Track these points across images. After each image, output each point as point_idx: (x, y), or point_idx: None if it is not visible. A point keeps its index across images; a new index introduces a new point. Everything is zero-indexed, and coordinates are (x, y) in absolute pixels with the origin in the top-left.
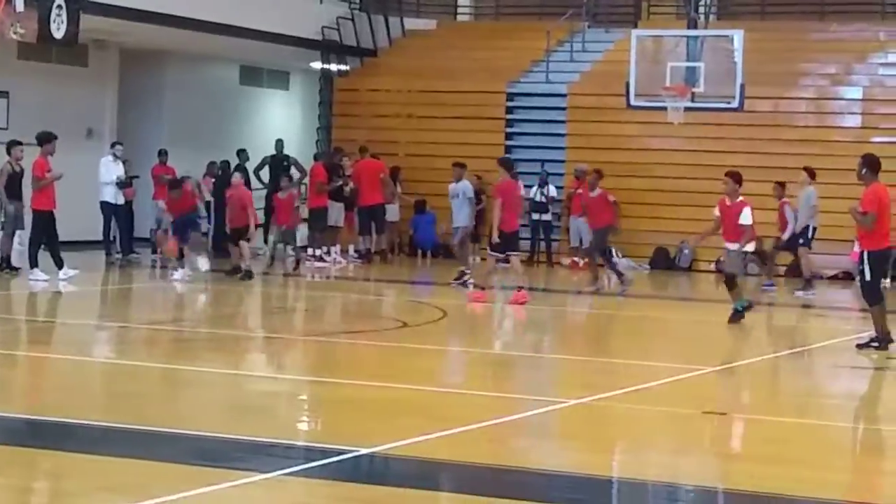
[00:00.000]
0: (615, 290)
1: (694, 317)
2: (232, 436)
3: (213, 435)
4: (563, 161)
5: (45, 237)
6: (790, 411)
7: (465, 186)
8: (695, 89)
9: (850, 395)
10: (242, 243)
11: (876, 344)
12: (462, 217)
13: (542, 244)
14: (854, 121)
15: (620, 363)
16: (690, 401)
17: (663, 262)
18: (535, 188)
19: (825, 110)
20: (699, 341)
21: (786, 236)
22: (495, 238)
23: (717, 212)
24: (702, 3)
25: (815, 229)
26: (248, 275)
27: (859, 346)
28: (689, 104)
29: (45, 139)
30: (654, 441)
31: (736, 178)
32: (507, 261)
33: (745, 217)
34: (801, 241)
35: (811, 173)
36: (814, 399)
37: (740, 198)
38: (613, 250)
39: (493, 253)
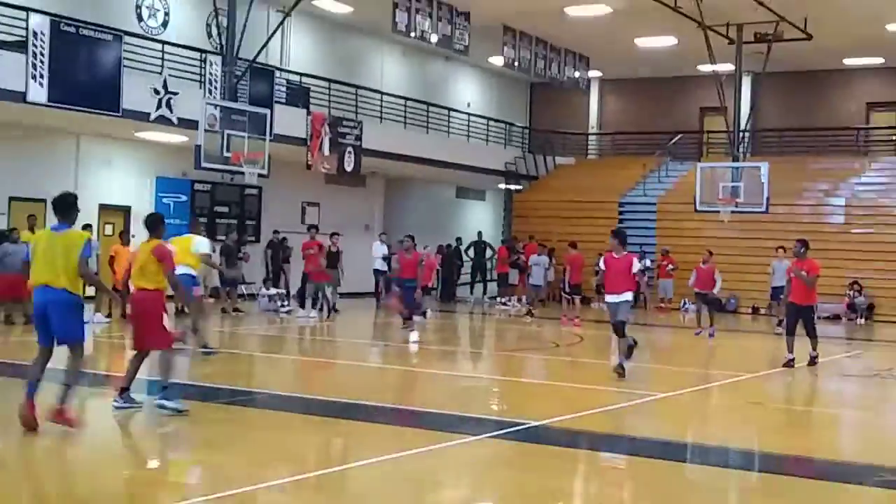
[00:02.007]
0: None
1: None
2: (451, 412)
3: (439, 412)
4: (655, 244)
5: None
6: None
7: (542, 259)
8: (737, 200)
9: None
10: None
11: None
12: (537, 278)
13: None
14: (839, 220)
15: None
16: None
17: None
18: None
19: (820, 213)
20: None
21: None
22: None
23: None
24: (741, 146)
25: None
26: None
27: None
28: (734, 209)
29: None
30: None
31: (621, 236)
32: (576, 301)
33: (635, 267)
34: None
35: (784, 249)
36: None
37: (625, 253)
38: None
39: (566, 294)
